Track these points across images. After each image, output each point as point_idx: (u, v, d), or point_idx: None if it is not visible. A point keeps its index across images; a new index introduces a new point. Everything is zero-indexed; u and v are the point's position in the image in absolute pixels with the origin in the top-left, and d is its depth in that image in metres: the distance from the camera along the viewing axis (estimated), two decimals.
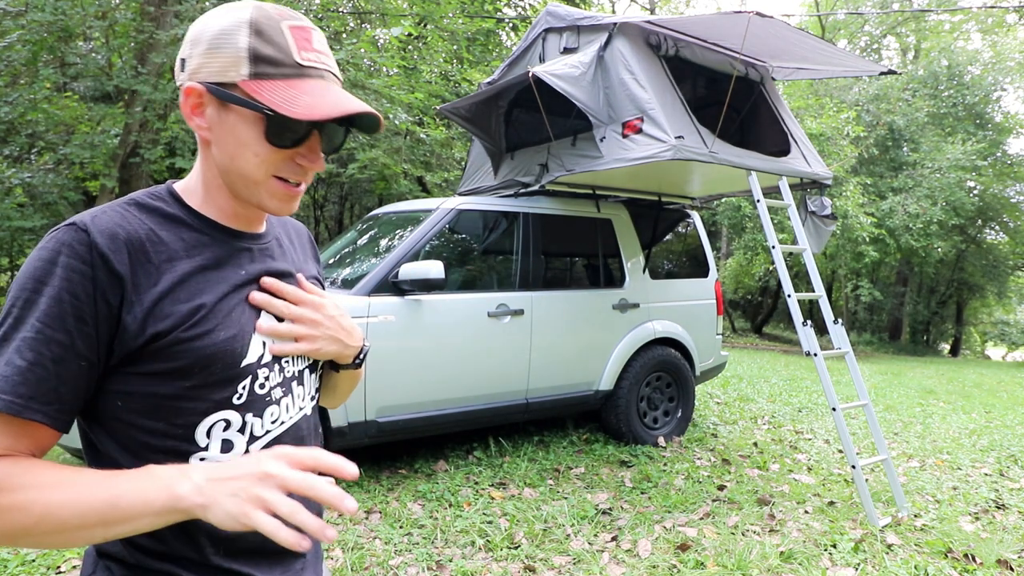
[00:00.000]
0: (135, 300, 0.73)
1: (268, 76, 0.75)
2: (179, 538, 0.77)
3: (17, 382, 0.67)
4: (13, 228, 6.11)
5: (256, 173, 0.78)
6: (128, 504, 0.65)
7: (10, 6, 5.89)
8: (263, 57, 0.75)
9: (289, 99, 0.74)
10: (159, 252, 0.76)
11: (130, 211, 0.77)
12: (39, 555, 2.70)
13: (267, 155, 0.78)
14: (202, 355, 0.76)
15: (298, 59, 0.77)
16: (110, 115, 6.96)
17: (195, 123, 0.78)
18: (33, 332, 0.68)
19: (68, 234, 0.71)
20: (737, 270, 17.46)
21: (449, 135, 9.71)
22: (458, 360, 3.77)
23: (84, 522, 0.65)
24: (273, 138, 0.77)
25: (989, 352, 27.56)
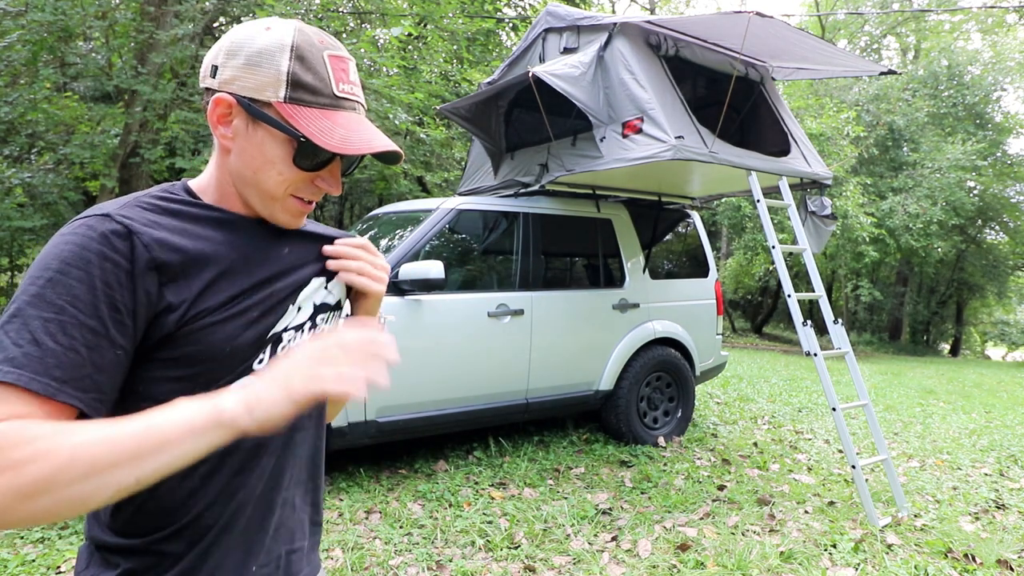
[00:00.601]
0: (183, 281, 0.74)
1: (305, 103, 0.78)
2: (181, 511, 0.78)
3: (51, 364, 0.64)
4: (13, 228, 6.11)
5: (276, 190, 0.81)
6: (165, 428, 0.62)
7: (10, 6, 5.89)
8: (303, 84, 0.78)
9: (324, 130, 0.77)
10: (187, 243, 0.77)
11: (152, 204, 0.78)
12: (39, 555, 2.70)
13: (291, 176, 0.81)
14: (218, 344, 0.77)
15: (336, 91, 0.79)
16: (110, 115, 6.95)
17: (219, 132, 0.80)
18: (67, 316, 0.66)
19: (102, 223, 0.71)
20: (737, 270, 17.46)
21: (449, 135, 9.71)
22: (458, 360, 3.77)
23: (117, 457, 0.60)
24: (301, 162, 0.80)
25: (989, 352, 27.56)
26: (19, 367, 0.63)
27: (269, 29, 0.78)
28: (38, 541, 2.84)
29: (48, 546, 2.80)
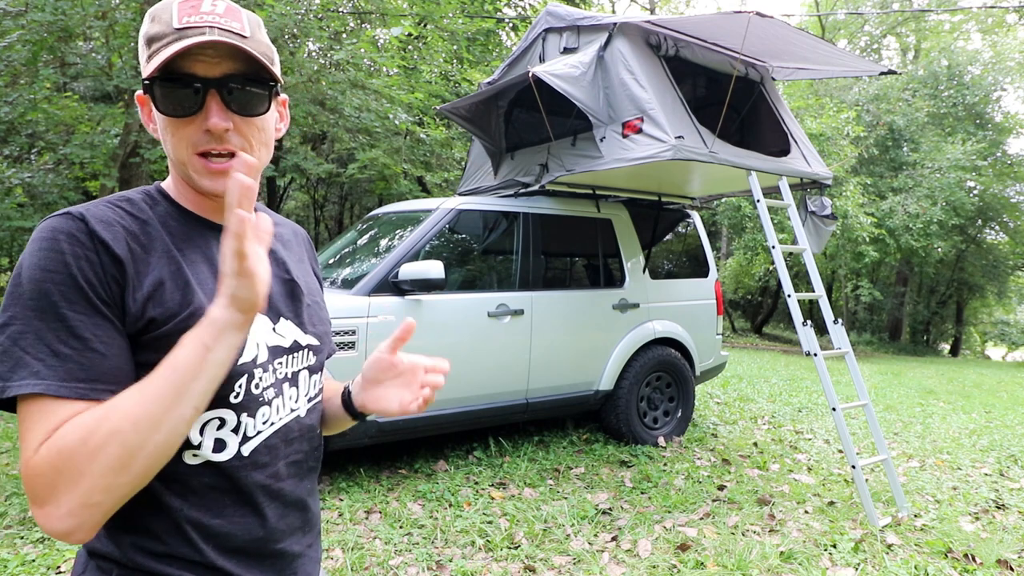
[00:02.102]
0: (136, 284, 0.73)
1: (155, 52, 0.76)
2: (176, 536, 0.76)
3: (74, 369, 0.67)
4: (13, 228, 6.11)
5: (179, 153, 0.79)
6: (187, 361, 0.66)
7: (10, 6, 5.89)
8: (151, 37, 0.76)
9: (155, 64, 0.75)
10: (152, 241, 0.77)
11: (121, 204, 0.78)
12: (39, 555, 2.70)
13: (175, 130, 0.78)
14: None
15: (176, 24, 0.76)
16: (110, 115, 6.95)
17: (150, 128, 0.81)
18: (70, 320, 0.68)
19: (66, 223, 0.71)
20: (737, 270, 17.46)
21: (449, 135, 9.71)
22: (458, 360, 3.77)
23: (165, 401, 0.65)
24: (163, 108, 0.77)
25: (989, 352, 27.56)
26: (44, 379, 0.66)
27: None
28: (38, 541, 2.84)
29: (48, 546, 2.80)
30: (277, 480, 0.85)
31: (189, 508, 0.77)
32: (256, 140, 0.82)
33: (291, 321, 0.89)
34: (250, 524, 0.81)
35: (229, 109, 0.78)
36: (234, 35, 0.77)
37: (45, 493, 0.64)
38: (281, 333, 0.87)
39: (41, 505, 0.64)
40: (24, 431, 0.67)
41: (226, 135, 0.78)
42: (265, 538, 0.83)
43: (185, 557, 0.77)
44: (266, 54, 0.81)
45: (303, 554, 0.90)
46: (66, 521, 0.64)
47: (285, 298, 0.90)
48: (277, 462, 0.85)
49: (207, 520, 0.78)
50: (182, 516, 0.76)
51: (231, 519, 0.80)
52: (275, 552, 0.84)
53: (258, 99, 0.81)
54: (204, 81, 0.76)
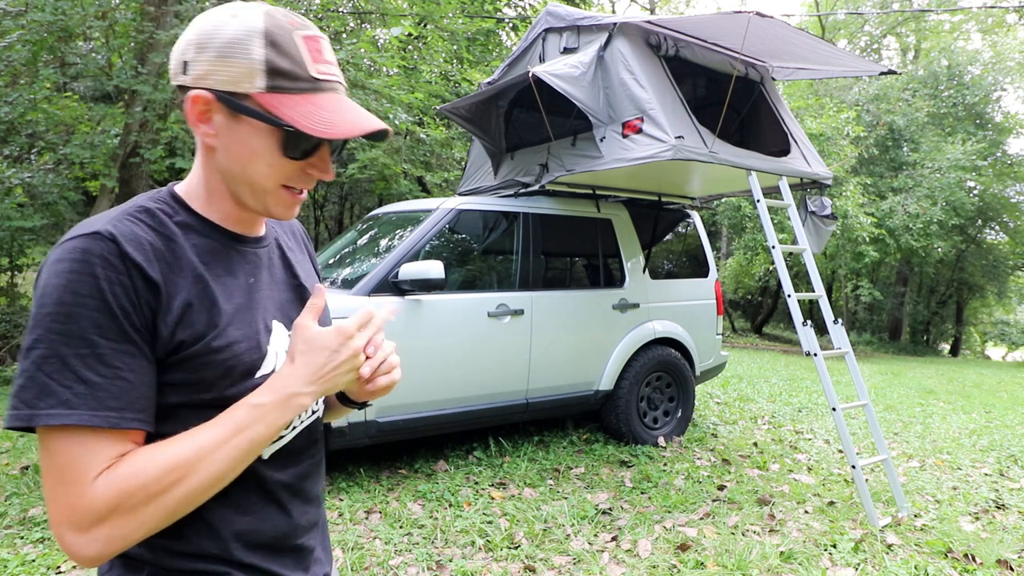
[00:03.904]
0: (168, 307, 0.73)
1: (285, 90, 0.75)
2: (203, 535, 0.78)
3: (103, 397, 0.67)
4: (13, 228, 6.11)
5: (267, 183, 0.79)
6: (265, 436, 0.74)
7: (10, 6, 5.89)
8: (279, 71, 0.74)
9: (308, 115, 0.74)
10: (180, 258, 0.76)
11: (142, 218, 0.76)
12: (39, 555, 2.70)
13: (280, 166, 0.78)
14: (224, 367, 0.77)
15: (313, 73, 0.76)
16: (110, 115, 6.95)
17: (201, 130, 0.77)
18: (100, 348, 0.68)
19: (97, 244, 0.69)
20: (737, 270, 17.46)
21: (449, 135, 9.71)
22: (458, 360, 3.77)
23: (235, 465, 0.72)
24: (289, 151, 0.77)
25: (989, 352, 27.56)
26: (75, 408, 0.66)
27: (235, 16, 0.74)
28: (38, 541, 2.84)
29: (48, 546, 2.80)
30: (301, 480, 0.88)
31: (220, 507, 0.78)
32: None
33: None
34: (277, 521, 0.84)
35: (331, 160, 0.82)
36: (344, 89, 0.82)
37: (91, 524, 0.66)
38: None
39: (82, 532, 0.66)
40: (64, 460, 0.67)
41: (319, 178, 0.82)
42: (289, 534, 0.86)
43: (213, 555, 0.79)
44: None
45: (316, 547, 0.93)
46: (99, 550, 0.67)
47: (296, 304, 0.91)
48: (302, 461, 0.88)
49: (236, 518, 0.80)
50: (213, 516, 0.78)
51: (259, 516, 0.82)
52: (296, 547, 0.87)
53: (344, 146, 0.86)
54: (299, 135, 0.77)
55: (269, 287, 0.87)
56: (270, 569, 0.83)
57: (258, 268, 0.86)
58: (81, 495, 0.66)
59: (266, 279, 0.87)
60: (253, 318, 0.82)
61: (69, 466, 0.66)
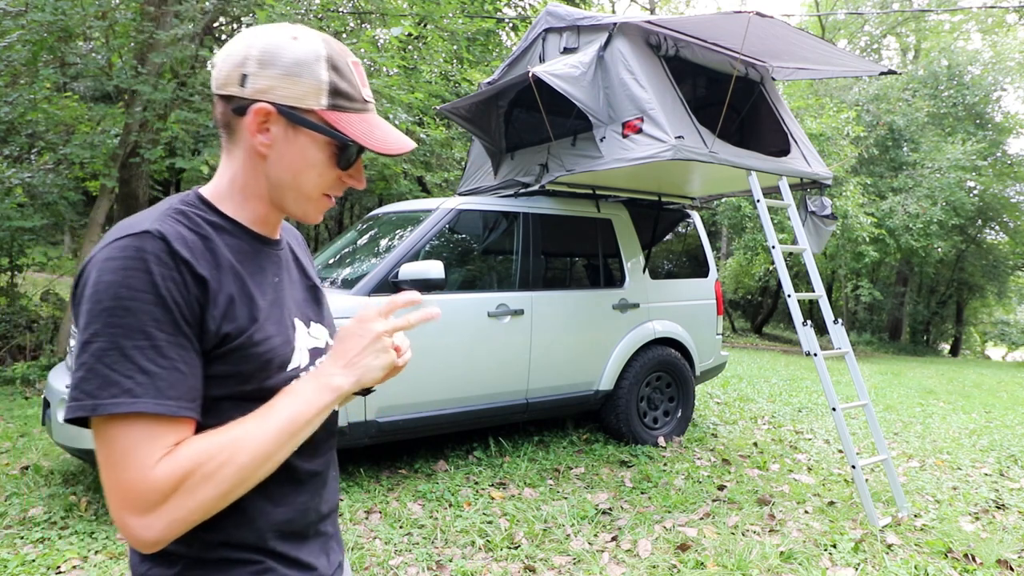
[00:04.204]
0: (215, 302, 0.77)
1: (343, 109, 0.84)
2: (241, 526, 0.82)
3: (163, 387, 0.71)
4: (13, 228, 6.11)
5: (314, 191, 0.86)
6: (304, 417, 0.77)
7: (10, 6, 5.88)
8: (340, 91, 0.83)
9: (366, 133, 0.84)
10: (219, 257, 0.80)
11: (180, 219, 0.80)
12: (39, 555, 2.70)
13: (329, 176, 0.86)
14: (263, 359, 0.81)
15: (364, 96, 0.87)
16: (110, 115, 6.95)
17: (257, 140, 0.82)
18: (157, 340, 0.71)
19: (148, 242, 0.73)
20: (737, 270, 17.46)
21: (449, 135, 9.70)
22: (458, 360, 3.77)
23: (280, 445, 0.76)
24: (340, 162, 0.86)
25: (989, 352, 27.56)
26: (139, 397, 0.70)
27: (297, 39, 0.81)
28: (38, 541, 2.84)
29: (48, 546, 2.80)
30: (327, 468, 0.94)
31: (256, 498, 0.82)
32: None
33: (319, 324, 0.97)
34: (308, 509, 0.89)
35: None
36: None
37: (153, 506, 0.69)
38: (315, 336, 0.94)
39: (143, 515, 0.69)
40: (125, 447, 0.70)
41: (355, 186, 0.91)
42: (315, 521, 0.92)
43: (250, 544, 0.83)
44: None
45: (335, 535, 0.99)
46: (161, 531, 0.70)
47: (312, 303, 0.97)
48: (325, 452, 0.94)
49: (271, 509, 0.84)
50: (249, 506, 0.82)
51: (292, 505, 0.87)
52: (320, 532, 0.93)
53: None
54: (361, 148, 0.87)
55: (289, 287, 0.93)
56: (298, 557, 0.88)
57: (280, 268, 0.92)
58: (144, 479, 0.69)
59: (287, 279, 0.93)
60: (282, 314, 0.88)
61: (131, 452, 0.70)
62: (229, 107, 0.82)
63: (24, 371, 6.01)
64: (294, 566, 0.87)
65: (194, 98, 6.77)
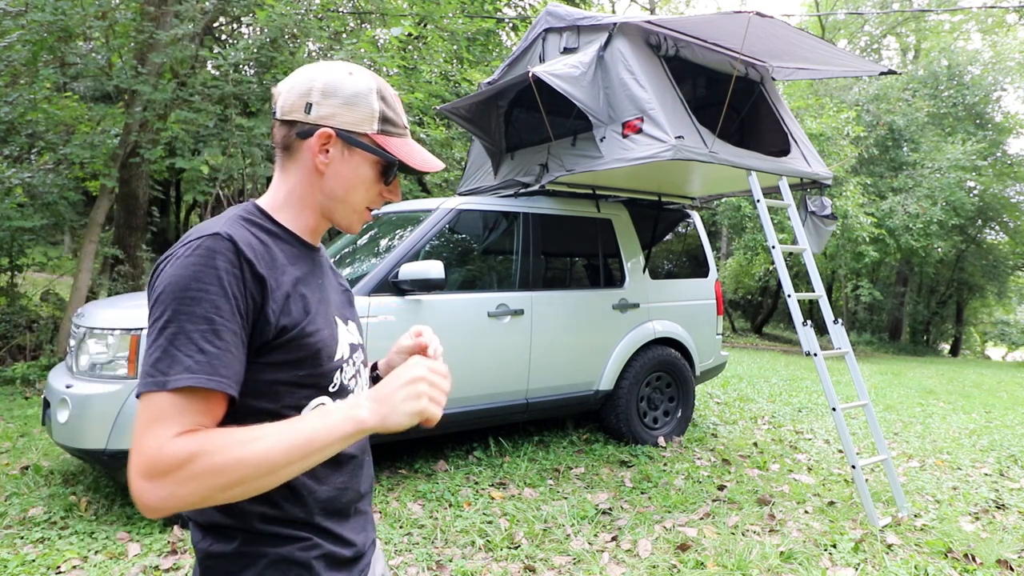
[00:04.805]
0: (272, 298, 0.87)
1: (390, 133, 0.98)
2: (292, 502, 0.90)
3: (218, 365, 0.80)
4: (13, 228, 6.11)
5: (360, 204, 1.00)
6: (322, 439, 0.79)
7: (10, 6, 5.88)
8: (388, 119, 0.98)
9: (410, 154, 0.99)
10: (276, 260, 0.91)
11: (245, 225, 0.91)
12: (39, 555, 2.70)
13: (375, 191, 1.00)
14: (313, 348, 0.91)
15: (405, 123, 1.01)
16: (110, 115, 6.95)
17: (319, 159, 0.95)
18: (216, 325, 0.81)
19: (217, 243, 0.84)
20: (737, 270, 17.45)
21: (449, 135, 9.70)
22: (458, 360, 3.77)
23: (290, 459, 0.78)
24: (386, 179, 1.00)
25: (989, 352, 27.55)
26: (195, 372, 0.78)
27: (352, 75, 0.96)
28: (38, 541, 2.84)
29: (48, 546, 2.80)
30: (363, 453, 1.04)
31: (303, 477, 0.90)
32: None
33: (353, 323, 1.08)
34: (348, 489, 0.99)
35: None
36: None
37: (159, 475, 0.74)
38: (351, 332, 1.05)
39: (149, 480, 0.75)
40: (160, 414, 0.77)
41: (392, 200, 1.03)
42: (356, 500, 1.01)
43: (297, 519, 0.91)
44: None
45: (370, 513, 1.08)
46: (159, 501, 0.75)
47: (347, 305, 1.09)
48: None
49: (316, 486, 0.93)
50: (299, 484, 0.90)
51: (335, 485, 0.96)
52: (359, 511, 1.02)
53: None
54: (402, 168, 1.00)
55: (328, 289, 1.04)
56: (341, 533, 0.96)
57: (323, 272, 1.04)
58: (160, 448, 0.75)
59: (327, 283, 1.04)
60: (328, 311, 0.99)
61: (163, 419, 0.77)
62: (292, 131, 0.95)
63: (24, 371, 6.01)
64: (337, 542, 0.95)
65: (194, 98, 6.77)
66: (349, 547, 0.97)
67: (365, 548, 1.02)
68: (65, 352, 6.09)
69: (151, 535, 2.94)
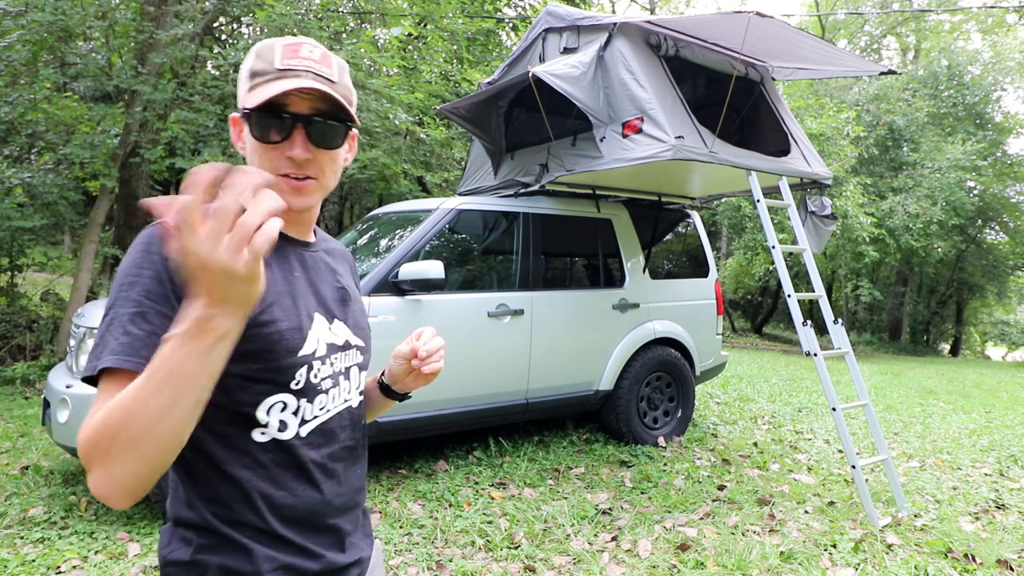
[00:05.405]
0: None
1: (256, 86, 0.89)
2: (244, 504, 0.86)
3: (138, 347, 0.77)
4: (13, 228, 6.11)
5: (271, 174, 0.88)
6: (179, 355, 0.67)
7: (10, 6, 5.88)
8: (255, 72, 0.89)
9: (255, 96, 0.87)
10: None
11: None
12: (39, 555, 2.70)
13: (264, 154, 0.90)
14: (267, 340, 0.86)
15: (278, 65, 0.88)
16: (110, 115, 6.95)
17: (239, 146, 0.93)
18: (143, 308, 0.79)
19: (158, 229, 0.82)
20: (737, 270, 17.45)
21: (449, 135, 9.70)
22: (458, 360, 3.77)
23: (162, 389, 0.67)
24: (257, 134, 0.89)
25: (989, 352, 27.55)
26: (116, 353, 0.77)
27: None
28: (38, 541, 2.84)
29: (48, 546, 2.80)
30: (332, 460, 0.95)
31: (257, 480, 0.87)
32: (328, 169, 0.94)
33: (343, 323, 1.00)
34: (309, 498, 0.91)
35: (310, 141, 0.90)
36: (324, 79, 0.90)
37: (87, 461, 0.72)
38: (335, 332, 0.98)
39: (89, 470, 0.72)
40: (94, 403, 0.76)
41: (305, 163, 0.91)
42: (322, 512, 0.92)
43: (252, 524, 0.86)
44: (347, 97, 0.94)
45: (354, 532, 1.00)
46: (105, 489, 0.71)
47: (338, 303, 1.01)
48: (333, 444, 0.95)
49: (272, 492, 0.88)
50: (251, 487, 0.86)
51: (293, 492, 0.89)
52: (330, 526, 0.94)
53: (335, 135, 0.93)
54: (293, 116, 0.89)
55: (312, 283, 0.97)
56: (305, 545, 0.90)
57: (302, 265, 0.97)
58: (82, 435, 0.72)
59: (309, 276, 0.97)
60: (295, 304, 0.92)
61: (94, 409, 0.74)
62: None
63: (24, 371, 6.01)
64: (300, 553, 0.89)
65: (194, 98, 6.77)
66: (314, 559, 0.90)
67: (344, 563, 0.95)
68: (65, 352, 6.09)
69: (151, 535, 2.94)
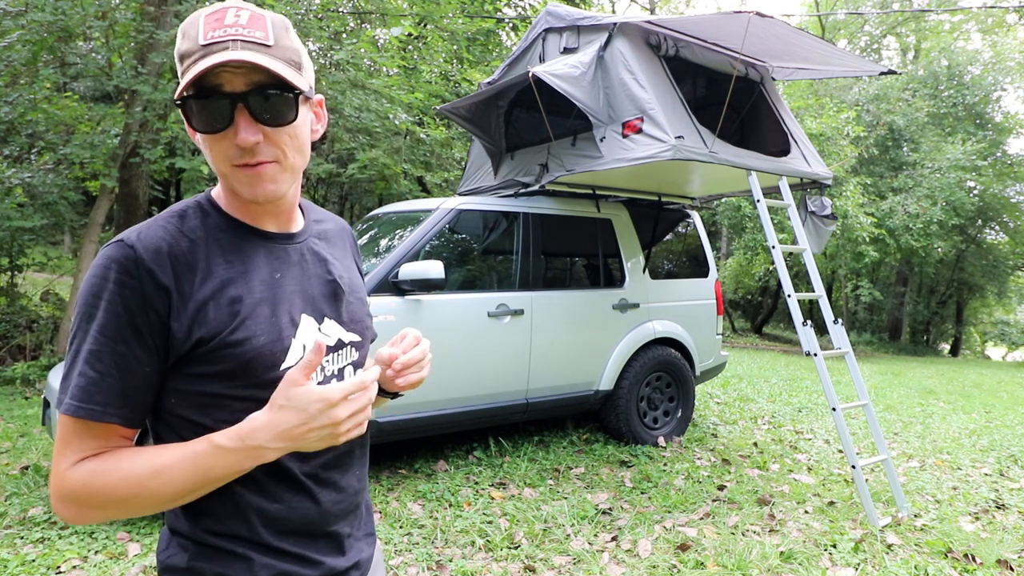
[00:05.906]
0: (181, 309, 0.78)
1: (187, 70, 0.76)
2: (233, 517, 0.83)
3: (93, 391, 0.75)
4: (13, 228, 6.11)
5: (220, 166, 0.80)
6: (219, 476, 0.76)
7: (10, 6, 5.89)
8: (183, 54, 0.77)
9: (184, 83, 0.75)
10: (200, 261, 0.80)
11: (172, 223, 0.81)
12: (39, 555, 2.70)
13: (212, 145, 0.79)
14: (243, 359, 0.80)
15: (202, 40, 0.76)
16: (110, 115, 6.95)
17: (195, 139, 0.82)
18: (99, 345, 0.75)
19: (116, 251, 0.76)
20: (737, 270, 17.45)
21: (449, 135, 9.71)
22: (458, 360, 3.77)
23: (184, 493, 0.76)
24: (196, 126, 0.78)
25: (989, 352, 27.54)
26: (73, 398, 0.75)
27: None
28: (38, 541, 2.84)
29: (48, 546, 2.80)
30: (327, 469, 0.90)
31: (250, 494, 0.83)
32: (289, 147, 0.82)
33: (334, 321, 0.93)
34: (305, 509, 0.87)
35: (258, 121, 0.78)
36: (256, 45, 0.77)
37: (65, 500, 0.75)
38: (326, 333, 0.91)
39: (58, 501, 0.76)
40: (62, 438, 0.77)
41: (257, 148, 0.79)
42: (319, 521, 0.89)
43: (244, 537, 0.84)
44: (291, 59, 0.80)
45: (353, 534, 0.96)
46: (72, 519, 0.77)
47: (328, 299, 0.93)
48: (326, 453, 0.90)
49: (266, 505, 0.84)
50: (242, 501, 0.83)
51: (288, 504, 0.86)
52: (328, 533, 0.91)
53: (285, 108, 0.80)
54: (230, 96, 0.76)
55: (299, 281, 0.89)
56: (302, 553, 0.87)
57: (286, 263, 0.88)
58: (63, 475, 0.75)
59: (296, 274, 0.89)
60: (276, 312, 0.84)
61: (64, 445, 0.76)
62: None
63: (24, 371, 6.01)
64: (297, 561, 0.87)
65: None
66: (312, 566, 0.88)
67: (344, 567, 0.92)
68: (64, 352, 6.09)
69: (151, 535, 2.94)
